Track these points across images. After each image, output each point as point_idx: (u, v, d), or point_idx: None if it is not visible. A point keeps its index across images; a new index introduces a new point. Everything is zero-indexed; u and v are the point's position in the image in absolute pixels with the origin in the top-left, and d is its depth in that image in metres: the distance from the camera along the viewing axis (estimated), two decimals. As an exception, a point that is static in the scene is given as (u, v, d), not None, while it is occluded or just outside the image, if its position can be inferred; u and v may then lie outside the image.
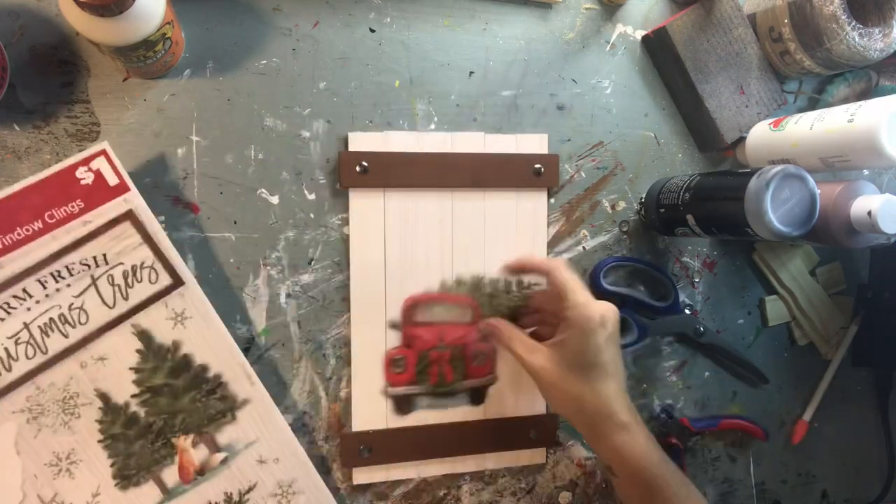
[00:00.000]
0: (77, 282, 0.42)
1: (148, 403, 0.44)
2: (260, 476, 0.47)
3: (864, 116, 0.48)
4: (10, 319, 0.40)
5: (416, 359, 0.53)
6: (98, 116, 0.47)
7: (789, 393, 0.66)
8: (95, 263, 0.42)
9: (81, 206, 0.41)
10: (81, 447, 0.43)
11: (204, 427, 0.45)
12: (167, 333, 0.44)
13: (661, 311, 0.60)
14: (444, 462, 0.55)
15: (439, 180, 0.53)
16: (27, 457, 0.41)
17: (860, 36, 0.53)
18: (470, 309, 0.54)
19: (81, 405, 0.42)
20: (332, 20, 0.51)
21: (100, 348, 0.43)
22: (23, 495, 0.41)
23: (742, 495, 0.65)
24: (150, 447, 0.44)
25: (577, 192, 0.58)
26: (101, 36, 0.39)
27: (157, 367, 0.44)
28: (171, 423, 0.44)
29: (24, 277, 0.40)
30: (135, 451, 0.44)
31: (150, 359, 0.44)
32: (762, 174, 0.47)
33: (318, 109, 0.51)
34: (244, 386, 0.46)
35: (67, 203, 0.41)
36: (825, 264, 0.66)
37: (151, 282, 0.43)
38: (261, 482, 0.47)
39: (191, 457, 0.45)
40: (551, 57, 0.57)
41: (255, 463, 0.47)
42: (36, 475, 0.42)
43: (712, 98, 0.58)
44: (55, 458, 0.42)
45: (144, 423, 0.44)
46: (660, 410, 0.61)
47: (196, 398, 0.45)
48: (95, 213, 0.42)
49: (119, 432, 0.43)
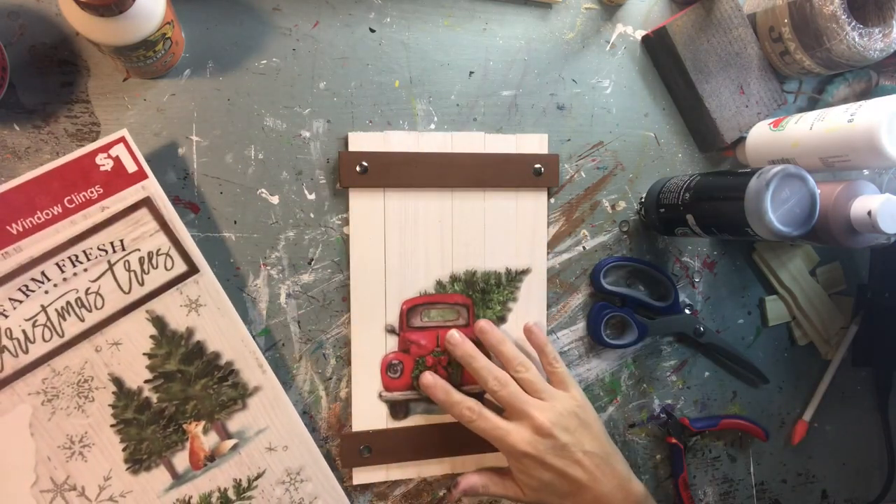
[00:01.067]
0: (94, 266, 0.42)
1: (160, 389, 0.45)
2: (269, 463, 0.47)
3: (864, 116, 0.48)
4: (28, 302, 0.41)
5: (413, 364, 0.53)
6: (98, 116, 0.47)
7: (789, 393, 0.66)
8: (112, 249, 0.42)
9: (100, 192, 0.42)
10: (94, 431, 0.43)
11: (215, 414, 0.46)
12: (181, 320, 0.45)
13: (661, 311, 0.60)
14: (444, 462, 0.55)
15: (439, 180, 0.53)
16: (41, 439, 0.42)
17: (860, 36, 0.53)
18: (465, 309, 0.54)
19: (95, 389, 0.43)
20: (332, 20, 0.51)
21: (114, 333, 0.43)
22: (36, 477, 0.42)
23: (742, 495, 0.65)
24: (162, 432, 0.45)
25: (577, 192, 0.58)
26: (101, 36, 0.39)
27: (170, 353, 0.45)
28: (182, 409, 0.45)
29: (43, 261, 0.41)
30: (146, 436, 0.44)
31: (164, 345, 0.44)
32: (762, 174, 0.47)
33: (318, 109, 0.51)
34: (256, 374, 0.47)
35: (86, 189, 0.42)
36: (825, 264, 0.66)
37: (167, 269, 0.44)
38: (269, 469, 0.47)
39: (201, 443, 0.45)
40: (551, 57, 0.57)
41: (265, 450, 0.47)
42: (49, 457, 0.42)
43: (712, 98, 0.58)
44: (68, 440, 0.43)
45: (157, 408, 0.45)
46: (660, 410, 0.61)
47: (208, 385, 0.45)
48: (114, 199, 0.42)
49: (131, 417, 0.44)
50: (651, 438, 0.62)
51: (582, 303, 0.59)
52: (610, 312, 0.58)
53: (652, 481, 0.62)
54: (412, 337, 0.53)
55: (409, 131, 0.53)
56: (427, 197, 0.53)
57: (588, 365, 0.59)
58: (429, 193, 0.53)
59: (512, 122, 0.56)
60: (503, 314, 0.56)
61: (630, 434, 0.61)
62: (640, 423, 0.61)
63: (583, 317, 0.59)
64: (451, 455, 0.55)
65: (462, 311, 0.54)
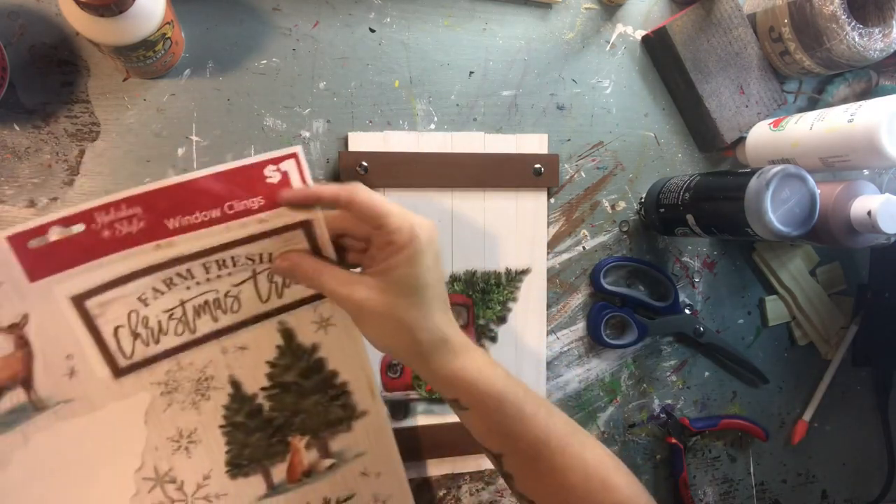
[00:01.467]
0: (239, 272, 0.42)
1: (274, 398, 0.44)
2: (360, 487, 0.47)
3: (864, 116, 0.48)
4: (169, 294, 0.41)
5: None
6: (98, 116, 0.47)
7: (789, 393, 0.66)
8: (260, 260, 0.42)
9: (261, 204, 0.40)
10: (204, 429, 0.43)
11: (320, 431, 0.46)
12: (309, 335, 0.44)
13: (661, 311, 0.60)
14: (444, 462, 0.55)
15: (439, 180, 0.53)
16: (153, 428, 0.42)
17: (860, 36, 0.53)
18: (465, 309, 0.54)
19: (213, 389, 0.43)
20: (332, 20, 0.51)
21: (243, 338, 0.43)
22: (141, 463, 0.42)
23: (742, 495, 0.65)
24: (267, 441, 0.45)
25: (577, 192, 0.58)
26: (101, 36, 0.39)
27: (290, 365, 0.44)
28: (291, 421, 0.45)
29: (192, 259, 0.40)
30: (251, 443, 0.44)
31: (287, 356, 0.44)
32: (762, 174, 0.47)
33: (318, 109, 0.51)
34: (366, 398, 0.46)
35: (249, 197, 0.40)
36: (825, 264, 0.66)
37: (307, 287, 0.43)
38: (359, 493, 0.47)
39: (302, 457, 0.45)
40: (551, 57, 0.57)
41: (359, 474, 0.47)
42: (157, 447, 0.42)
43: (712, 98, 0.58)
44: (178, 434, 0.43)
45: (266, 416, 0.44)
46: (660, 410, 0.61)
47: (320, 401, 0.45)
48: (273, 213, 0.41)
49: (241, 421, 0.44)
50: (651, 438, 0.62)
51: (582, 303, 0.59)
52: (610, 312, 0.58)
53: (652, 481, 0.62)
54: None
55: (409, 131, 0.53)
56: (427, 197, 0.53)
57: (588, 365, 0.59)
58: (429, 193, 0.53)
59: (512, 122, 0.56)
60: (503, 314, 0.56)
61: (630, 434, 0.61)
62: (640, 423, 0.61)
63: (583, 317, 0.59)
64: (451, 455, 0.55)
65: (462, 311, 0.54)
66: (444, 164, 0.53)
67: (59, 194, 0.46)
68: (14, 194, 0.45)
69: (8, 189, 0.45)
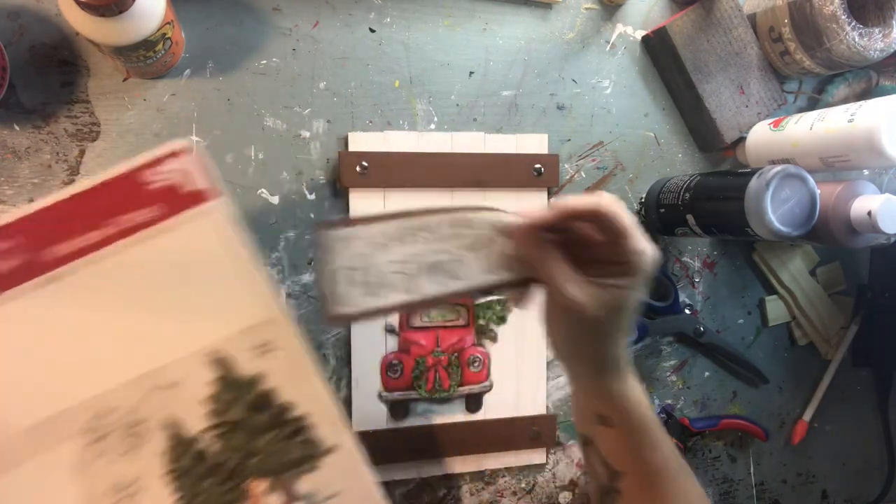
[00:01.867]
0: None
1: (223, 438, 0.40)
2: None
3: (864, 116, 0.48)
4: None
5: (413, 364, 0.53)
6: (98, 116, 0.47)
7: (789, 393, 0.66)
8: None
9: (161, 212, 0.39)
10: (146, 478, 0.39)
11: (282, 472, 0.40)
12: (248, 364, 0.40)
13: (661, 311, 0.60)
14: (443, 462, 0.55)
15: (439, 180, 0.53)
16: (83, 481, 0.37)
17: (860, 36, 0.53)
18: (465, 309, 0.54)
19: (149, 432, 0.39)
20: (332, 20, 0.51)
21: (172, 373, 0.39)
22: None
23: (742, 495, 0.65)
24: (220, 487, 0.40)
25: (577, 192, 0.58)
26: (101, 36, 0.39)
27: (234, 399, 0.40)
28: (245, 464, 0.40)
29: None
30: (202, 490, 0.39)
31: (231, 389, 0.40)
32: (762, 174, 0.47)
33: (318, 109, 0.51)
34: (332, 432, 0.41)
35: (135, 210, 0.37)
36: (825, 264, 0.66)
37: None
38: None
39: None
40: (551, 57, 0.57)
41: None
42: None
43: (712, 98, 0.58)
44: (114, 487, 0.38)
45: (215, 460, 0.40)
46: (660, 410, 0.61)
47: (276, 439, 0.40)
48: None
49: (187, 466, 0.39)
50: (651, 438, 0.62)
51: (582, 303, 0.59)
52: (610, 312, 0.58)
53: (652, 481, 0.62)
54: (412, 337, 0.53)
55: (409, 131, 0.53)
56: (427, 197, 0.53)
57: (588, 365, 0.59)
58: (429, 193, 0.53)
59: (512, 123, 0.56)
60: (503, 314, 0.56)
61: (630, 434, 0.61)
62: (640, 423, 0.61)
63: (583, 317, 0.59)
64: (451, 455, 0.55)
65: (462, 311, 0.54)
66: (444, 164, 0.53)
67: (59, 194, 0.46)
68: (14, 194, 0.45)
69: (8, 189, 0.45)
